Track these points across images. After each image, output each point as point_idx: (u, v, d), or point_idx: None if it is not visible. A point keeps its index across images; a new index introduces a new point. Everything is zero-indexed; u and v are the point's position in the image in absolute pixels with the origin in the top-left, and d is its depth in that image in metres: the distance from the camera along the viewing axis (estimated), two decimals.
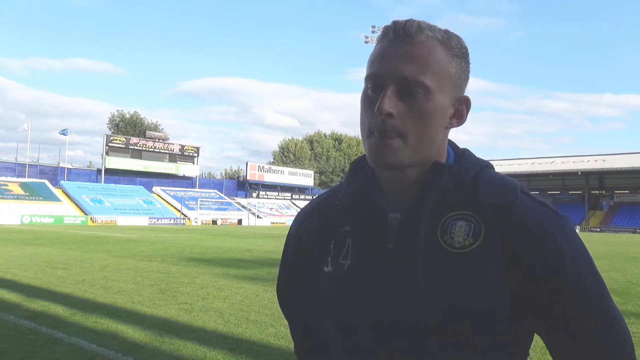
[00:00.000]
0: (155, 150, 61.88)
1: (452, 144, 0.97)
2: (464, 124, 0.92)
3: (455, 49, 0.87)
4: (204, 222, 54.27)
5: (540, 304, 0.84)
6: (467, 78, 0.91)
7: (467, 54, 0.90)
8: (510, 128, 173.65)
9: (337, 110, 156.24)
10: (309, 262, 1.02)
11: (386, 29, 0.88)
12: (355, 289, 0.91)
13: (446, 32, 0.88)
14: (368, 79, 0.88)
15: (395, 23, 0.87)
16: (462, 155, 0.94)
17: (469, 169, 0.90)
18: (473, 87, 0.96)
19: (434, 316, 0.83)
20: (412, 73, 0.83)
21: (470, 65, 0.92)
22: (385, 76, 0.84)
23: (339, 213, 0.97)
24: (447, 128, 0.90)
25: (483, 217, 0.85)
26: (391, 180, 0.92)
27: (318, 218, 1.03)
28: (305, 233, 1.05)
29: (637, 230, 57.19)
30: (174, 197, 58.76)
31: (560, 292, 0.82)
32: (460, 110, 0.90)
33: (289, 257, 1.10)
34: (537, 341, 0.93)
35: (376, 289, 0.88)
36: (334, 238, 0.97)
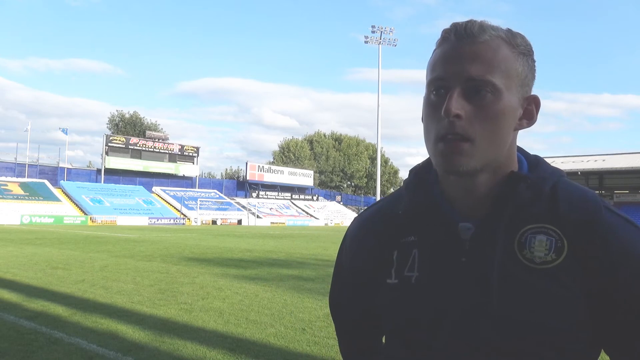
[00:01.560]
0: (155, 150, 61.86)
1: (522, 151, 0.93)
2: (534, 124, 0.88)
3: (521, 46, 0.84)
4: (204, 222, 54.25)
5: (620, 319, 0.81)
6: (534, 77, 0.87)
7: (532, 52, 0.86)
8: None
9: (336, 110, 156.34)
10: (366, 273, 0.97)
11: (446, 32, 0.84)
12: (425, 304, 0.86)
13: (509, 30, 0.85)
14: (431, 83, 0.84)
15: (455, 25, 0.84)
16: (537, 164, 0.90)
17: (547, 179, 0.86)
18: None
19: (512, 336, 0.79)
20: (479, 73, 0.80)
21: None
22: (450, 78, 0.81)
23: (403, 222, 0.92)
24: (517, 130, 0.86)
25: (565, 232, 0.81)
26: (460, 188, 0.87)
27: (376, 227, 0.97)
28: (362, 243, 1.00)
29: None
30: (174, 197, 58.74)
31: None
32: (529, 110, 0.87)
33: (344, 267, 1.05)
34: None
35: (449, 305, 0.84)
36: (396, 248, 0.92)
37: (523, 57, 0.84)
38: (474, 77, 0.80)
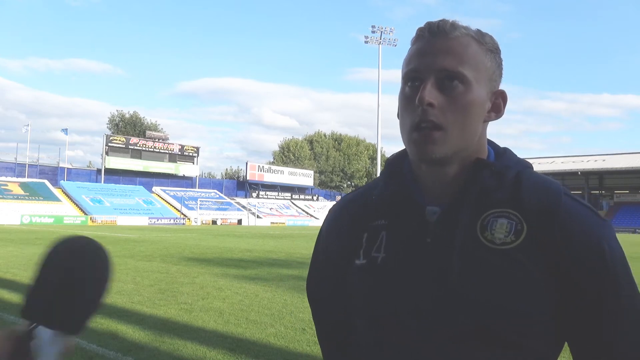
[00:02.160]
0: (155, 150, 61.85)
1: (492, 143, 0.98)
2: (502, 117, 0.93)
3: (489, 44, 0.90)
4: (204, 222, 54.25)
5: (576, 305, 0.83)
6: (501, 74, 0.93)
7: (499, 50, 0.92)
8: (507, 128, 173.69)
9: (336, 110, 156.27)
10: (340, 258, 1.00)
11: (421, 30, 0.90)
12: (389, 282, 0.89)
13: (478, 30, 0.91)
14: (406, 76, 0.89)
15: (429, 23, 0.90)
16: (504, 154, 0.95)
17: (511, 168, 0.90)
18: None
19: (470, 313, 0.82)
20: (451, 65, 0.85)
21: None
22: (424, 70, 0.86)
23: (375, 207, 0.97)
24: (486, 121, 0.92)
25: (525, 216, 0.85)
26: (430, 176, 0.92)
27: (350, 213, 1.01)
28: (336, 229, 1.04)
29: (637, 230, 57.19)
30: (174, 197, 58.73)
31: (598, 295, 0.82)
32: (497, 103, 0.92)
33: (320, 253, 1.09)
34: None
35: (412, 283, 0.87)
36: (366, 231, 0.96)
37: (491, 53, 0.90)
38: (446, 68, 0.85)
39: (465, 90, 0.85)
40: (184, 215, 54.66)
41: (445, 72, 0.85)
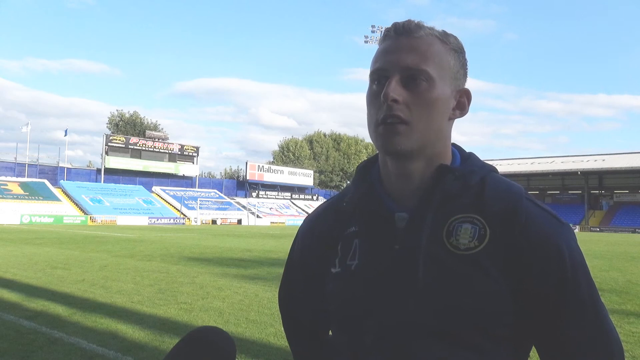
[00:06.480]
0: (154, 150, 61.84)
1: (458, 147, 0.99)
2: (466, 115, 0.96)
3: (453, 44, 0.92)
4: (204, 221, 54.24)
5: (538, 308, 0.85)
6: (466, 74, 0.95)
7: (464, 51, 0.94)
8: (505, 128, 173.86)
9: (333, 110, 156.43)
10: (315, 266, 1.03)
11: (387, 30, 0.93)
12: (361, 289, 0.91)
13: (443, 31, 0.93)
14: (372, 74, 0.91)
15: (395, 24, 0.92)
16: (469, 159, 0.97)
17: (475, 172, 0.92)
18: (469, 87, 0.98)
19: (436, 317, 0.84)
20: (415, 62, 0.87)
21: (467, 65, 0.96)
22: (389, 68, 0.88)
23: (347, 215, 0.99)
24: (451, 119, 0.93)
25: (488, 220, 0.87)
26: (397, 177, 0.93)
27: (325, 222, 1.03)
28: (311, 237, 1.06)
29: (637, 230, 57.18)
30: (174, 196, 58.72)
31: (558, 297, 0.84)
32: (462, 102, 0.94)
33: (295, 261, 1.11)
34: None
35: (381, 289, 0.89)
36: (341, 239, 0.98)
37: (455, 52, 0.92)
38: (410, 66, 0.87)
39: (429, 87, 0.87)
40: (184, 215, 54.64)
41: (409, 70, 0.87)
